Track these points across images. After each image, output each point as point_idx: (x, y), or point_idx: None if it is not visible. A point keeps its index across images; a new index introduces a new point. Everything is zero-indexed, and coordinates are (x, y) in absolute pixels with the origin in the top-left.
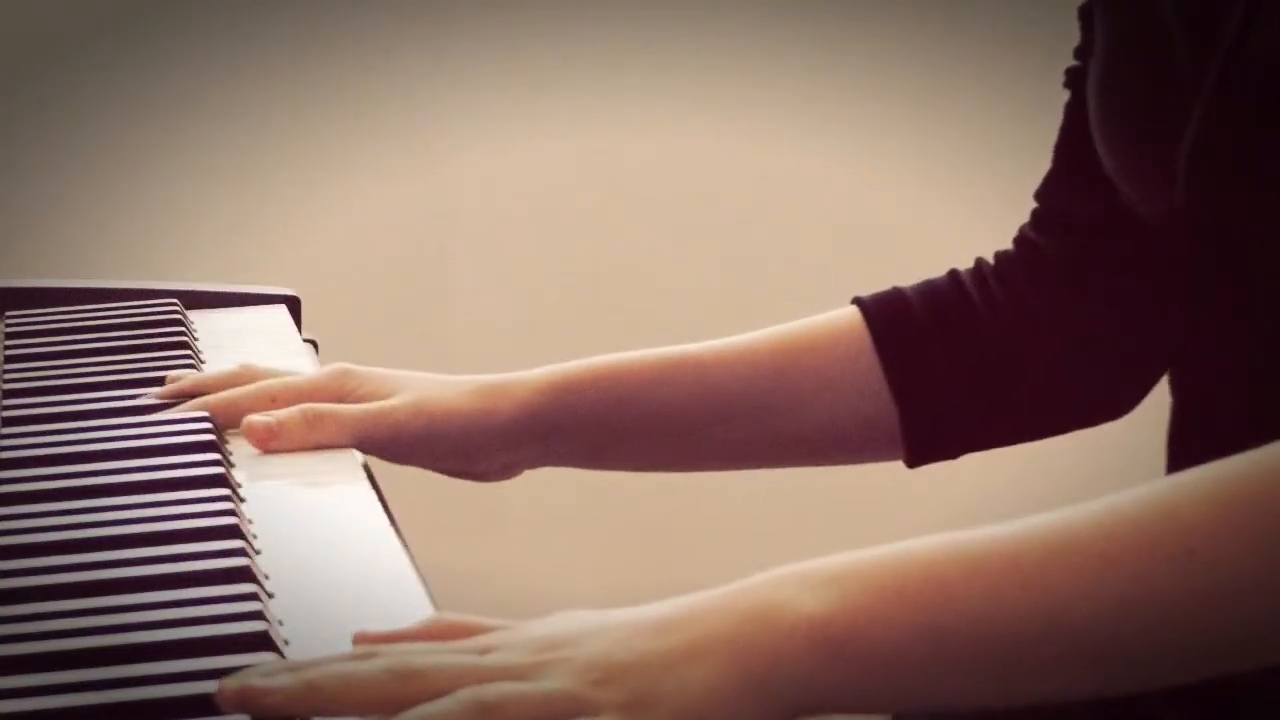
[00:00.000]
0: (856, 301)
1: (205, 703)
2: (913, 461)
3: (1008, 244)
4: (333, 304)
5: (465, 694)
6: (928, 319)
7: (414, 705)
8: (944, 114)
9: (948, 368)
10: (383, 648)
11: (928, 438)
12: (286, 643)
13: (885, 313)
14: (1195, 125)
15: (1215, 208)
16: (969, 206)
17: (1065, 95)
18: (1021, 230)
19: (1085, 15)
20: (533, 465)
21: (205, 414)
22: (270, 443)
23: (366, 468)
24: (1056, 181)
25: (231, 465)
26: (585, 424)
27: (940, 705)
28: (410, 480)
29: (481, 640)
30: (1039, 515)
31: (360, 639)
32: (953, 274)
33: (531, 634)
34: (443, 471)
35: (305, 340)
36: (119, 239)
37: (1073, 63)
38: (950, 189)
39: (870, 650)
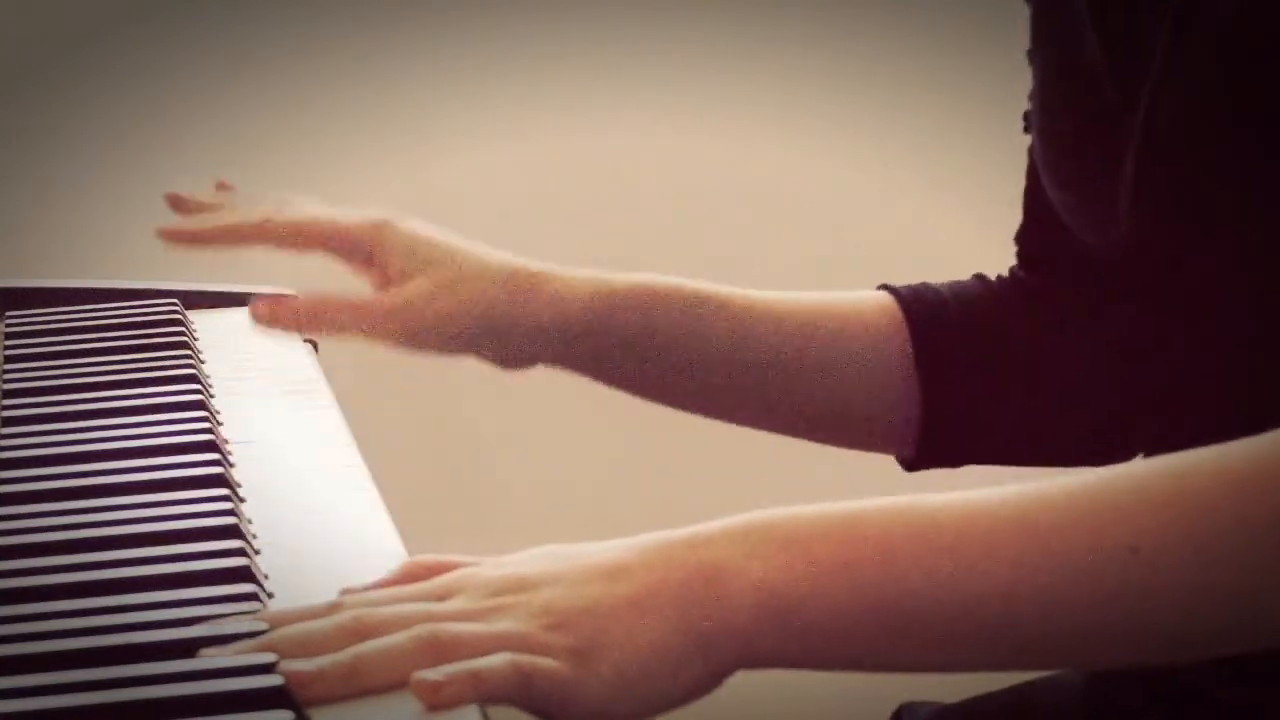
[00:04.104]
0: (889, 289)
1: (205, 702)
2: (916, 461)
3: (1010, 247)
4: None
5: (419, 630)
6: (962, 319)
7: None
8: (952, 118)
9: (977, 371)
10: (347, 600)
11: (941, 438)
12: None
13: (922, 303)
14: (1131, 160)
15: (1159, 240)
16: (977, 212)
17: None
18: (1011, 270)
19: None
20: (551, 364)
21: (204, 414)
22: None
23: (367, 468)
24: (1032, 227)
25: (231, 465)
26: (614, 340)
27: (880, 670)
28: (410, 480)
29: (442, 582)
30: (996, 489)
31: (345, 593)
32: (981, 278)
33: (490, 576)
34: (457, 354)
35: (305, 340)
36: (119, 239)
37: (1028, 106)
38: (958, 193)
39: (812, 619)
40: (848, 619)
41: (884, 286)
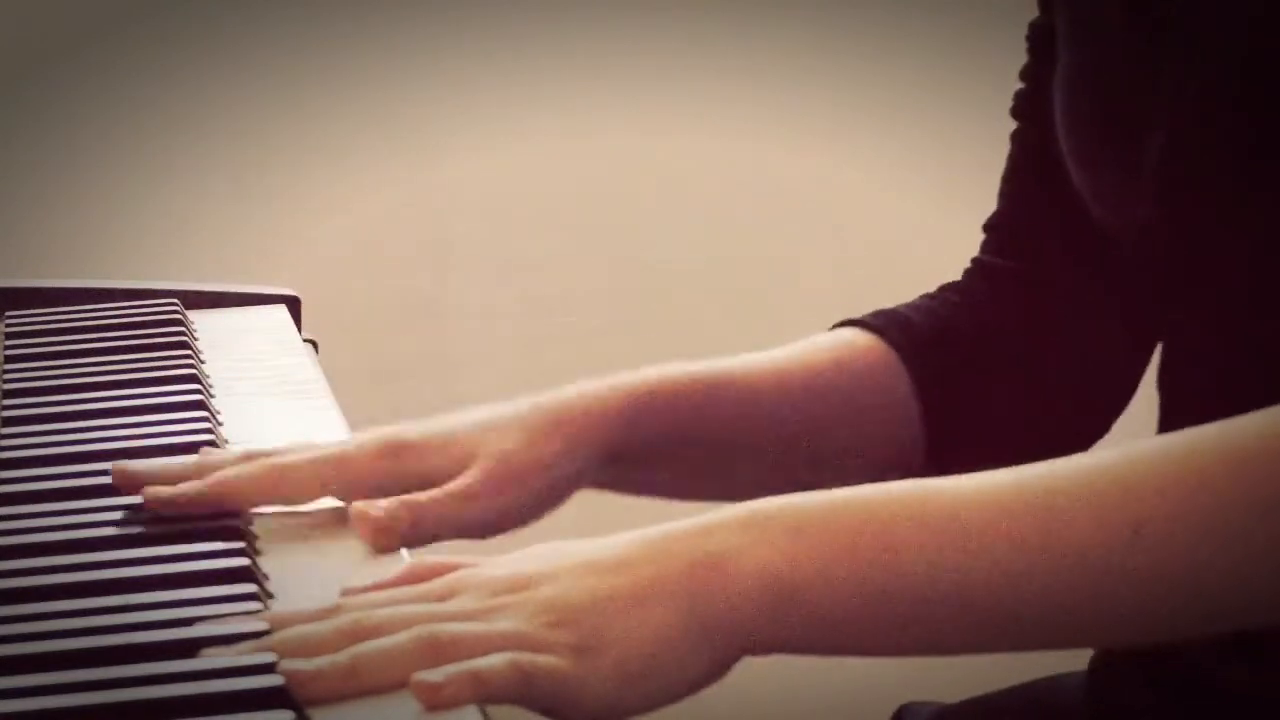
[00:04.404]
0: (857, 325)
1: (205, 702)
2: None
3: None
4: (333, 304)
5: (418, 630)
6: (947, 338)
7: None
8: (953, 118)
9: (975, 387)
10: (347, 602)
11: (942, 461)
12: None
13: (905, 333)
14: (1160, 142)
15: (1184, 222)
16: (978, 212)
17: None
18: (985, 263)
19: (1034, 35)
20: (587, 488)
21: (205, 414)
22: (383, 539)
23: None
24: (1012, 212)
25: None
26: (642, 452)
27: (883, 655)
28: None
29: (443, 582)
30: (999, 471)
31: (346, 593)
32: (945, 290)
33: (492, 574)
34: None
35: (305, 340)
36: (119, 239)
37: (1019, 85)
38: (958, 193)
39: (817, 605)
40: (852, 605)
41: (847, 322)
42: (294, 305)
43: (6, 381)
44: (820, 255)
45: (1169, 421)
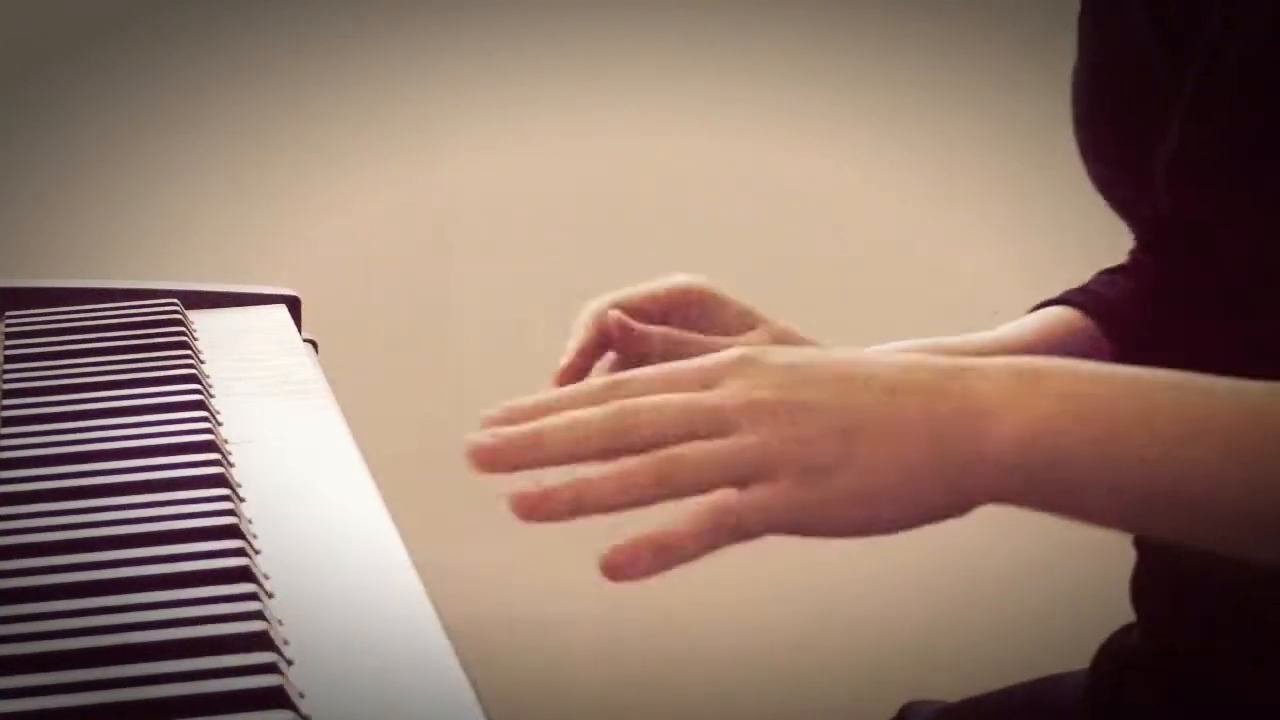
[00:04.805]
0: (1066, 301)
1: (205, 702)
2: None
3: (1020, 247)
4: (333, 304)
5: (651, 459)
6: (1128, 310)
7: (632, 450)
8: (952, 117)
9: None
10: (621, 377)
11: None
12: (286, 643)
13: (1105, 308)
14: (1173, 135)
15: (1194, 216)
16: (978, 211)
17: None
18: (1131, 252)
19: None
20: None
21: (204, 414)
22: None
23: (366, 467)
24: None
25: (231, 465)
26: None
27: (1107, 525)
28: (410, 480)
29: (719, 361)
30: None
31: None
32: (1119, 269)
33: (764, 367)
34: None
35: (305, 340)
36: (119, 239)
37: None
38: (958, 193)
39: (1054, 458)
40: (1083, 462)
41: (1051, 301)
42: (294, 305)
43: (6, 381)
44: (820, 255)
45: None
